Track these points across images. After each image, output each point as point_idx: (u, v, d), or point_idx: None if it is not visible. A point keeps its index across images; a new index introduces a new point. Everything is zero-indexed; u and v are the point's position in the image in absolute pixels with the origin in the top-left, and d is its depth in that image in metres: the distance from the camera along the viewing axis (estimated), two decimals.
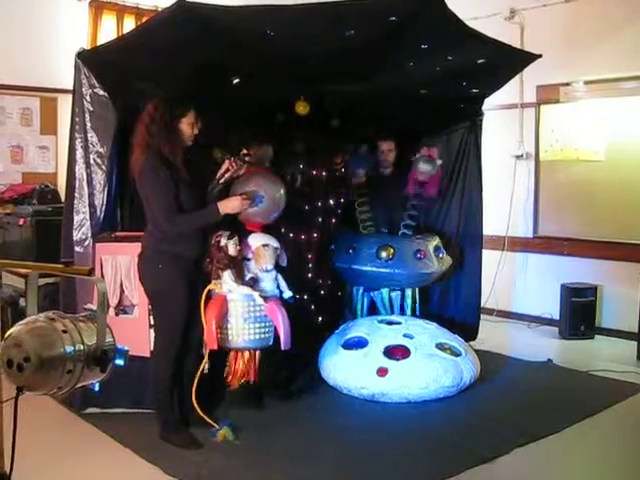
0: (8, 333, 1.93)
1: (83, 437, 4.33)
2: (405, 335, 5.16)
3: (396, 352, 5.03)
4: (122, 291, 4.55)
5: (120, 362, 2.00)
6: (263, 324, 4.50)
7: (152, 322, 4.45)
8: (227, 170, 4.30)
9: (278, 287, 4.67)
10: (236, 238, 4.44)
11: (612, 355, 6.26)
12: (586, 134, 6.98)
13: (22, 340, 1.88)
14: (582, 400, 5.03)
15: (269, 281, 4.61)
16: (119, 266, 4.51)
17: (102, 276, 4.44)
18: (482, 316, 6.56)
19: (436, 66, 4.86)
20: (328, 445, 4.20)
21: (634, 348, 6.17)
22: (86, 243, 4.57)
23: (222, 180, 4.30)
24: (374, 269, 5.52)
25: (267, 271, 4.58)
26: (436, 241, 5.82)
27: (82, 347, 1.92)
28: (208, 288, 4.35)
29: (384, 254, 5.50)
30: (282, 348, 4.51)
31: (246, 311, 4.44)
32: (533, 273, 7.51)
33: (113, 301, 4.51)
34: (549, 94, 7.26)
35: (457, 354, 5.14)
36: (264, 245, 4.55)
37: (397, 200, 5.81)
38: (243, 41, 4.12)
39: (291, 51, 4.32)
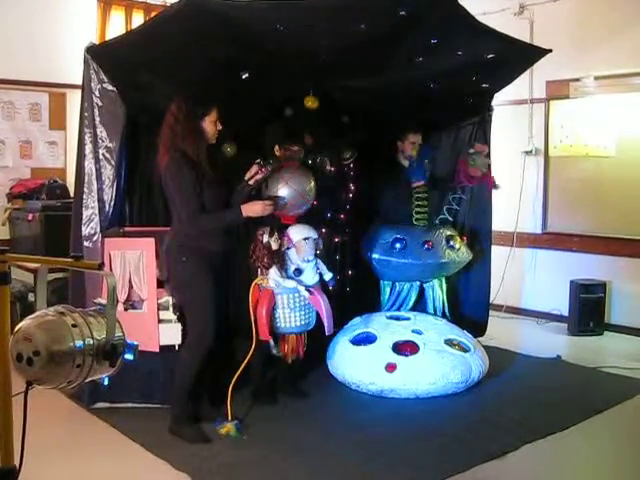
0: (18, 327, 1.93)
1: (92, 431, 4.34)
2: (414, 331, 5.16)
3: (405, 348, 5.03)
4: (131, 286, 4.55)
5: (129, 357, 2.00)
6: (306, 311, 4.74)
7: (161, 317, 4.47)
8: (256, 173, 4.35)
9: (318, 272, 4.82)
10: (277, 234, 4.58)
11: (621, 351, 6.24)
12: (596, 130, 6.94)
13: (32, 334, 1.88)
14: (591, 397, 5.01)
15: (310, 270, 4.74)
16: (128, 261, 4.51)
17: (111, 271, 4.44)
18: (491, 312, 6.55)
19: (446, 61, 4.84)
20: (337, 440, 4.20)
21: None
22: (95, 238, 4.58)
23: (251, 182, 4.35)
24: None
25: (308, 262, 4.71)
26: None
27: (92, 341, 1.92)
28: (255, 282, 4.58)
29: (455, 243, 5.59)
30: (326, 333, 4.77)
31: (292, 302, 4.67)
32: (542, 269, 7.49)
33: (122, 296, 4.51)
34: (559, 90, 7.23)
35: (466, 350, 5.13)
36: (305, 239, 4.67)
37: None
38: (252, 36, 4.12)
39: (301, 46, 4.31)
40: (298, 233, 4.68)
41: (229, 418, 4.29)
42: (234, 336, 4.79)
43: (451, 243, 5.58)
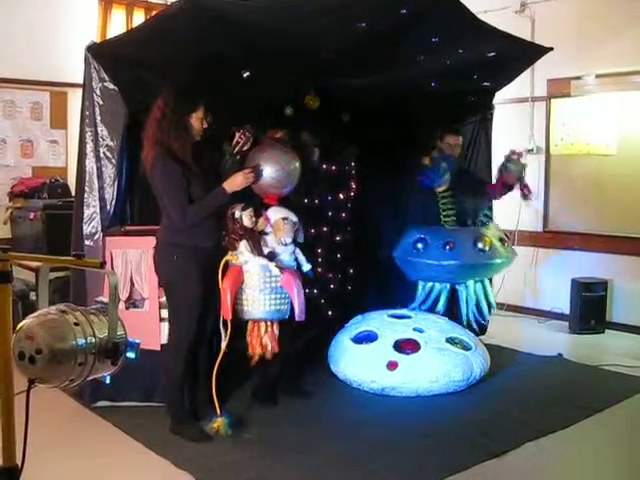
0: (20, 326, 1.93)
1: (93, 430, 4.34)
2: (415, 329, 5.16)
3: (406, 346, 5.02)
4: (132, 285, 4.55)
5: (131, 355, 2.00)
6: (279, 295, 4.44)
7: (163, 315, 4.47)
8: (237, 143, 4.31)
9: (296, 260, 4.68)
10: (251, 209, 4.43)
11: (623, 350, 6.24)
12: (597, 128, 6.94)
13: (34, 332, 1.88)
14: (593, 395, 5.01)
15: (287, 255, 4.59)
16: (129, 260, 4.51)
17: (112, 270, 4.44)
18: None
19: (447, 59, 4.84)
20: (338, 439, 4.20)
21: None
22: (96, 237, 4.57)
23: (235, 151, 4.31)
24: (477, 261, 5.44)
25: (285, 244, 4.56)
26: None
27: (93, 340, 1.92)
28: (225, 259, 4.32)
29: (481, 244, 5.43)
30: (296, 319, 4.46)
31: (262, 282, 4.40)
32: (543, 268, 7.49)
33: (123, 295, 4.51)
34: (560, 88, 7.23)
35: (467, 348, 5.12)
36: (283, 218, 4.52)
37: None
38: (252, 35, 4.12)
39: (302, 45, 4.31)
40: (277, 213, 4.54)
41: (218, 412, 4.20)
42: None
43: (479, 245, 5.41)
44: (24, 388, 1.92)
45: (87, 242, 4.57)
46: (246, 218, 4.41)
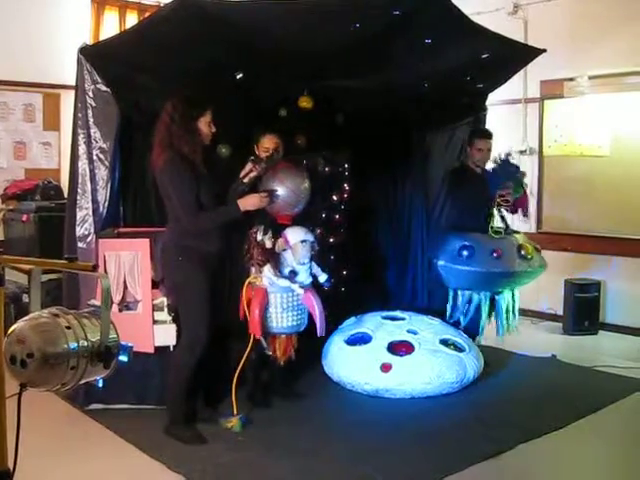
0: (11, 329, 1.92)
1: (86, 433, 4.33)
2: (409, 331, 5.16)
3: (400, 348, 5.02)
4: (125, 287, 4.54)
5: (124, 358, 1.99)
6: (299, 312, 4.71)
7: (156, 318, 4.47)
8: (250, 171, 4.37)
9: (312, 275, 4.79)
10: (270, 232, 4.55)
11: (616, 351, 6.25)
12: (590, 129, 6.96)
13: (25, 336, 1.87)
14: (586, 396, 5.02)
15: (304, 272, 4.72)
16: (122, 262, 4.50)
17: (105, 272, 4.43)
18: None
19: (440, 61, 4.84)
20: (332, 441, 4.20)
21: (638, 344, 6.17)
22: (89, 239, 4.57)
23: (246, 180, 4.37)
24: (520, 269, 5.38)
25: (304, 264, 4.68)
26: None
27: (86, 343, 1.91)
28: (248, 281, 4.55)
29: (524, 252, 5.40)
30: (318, 335, 4.72)
31: (285, 302, 4.64)
32: None
33: (116, 297, 4.50)
34: (553, 89, 7.24)
35: (461, 350, 5.13)
36: (302, 241, 4.63)
37: (486, 199, 5.51)
38: (245, 36, 4.11)
39: (295, 46, 4.30)
40: (296, 235, 4.64)
41: (235, 412, 4.32)
42: (229, 336, 4.78)
43: (522, 252, 5.38)
44: (16, 392, 1.91)
45: (80, 244, 4.57)
46: (268, 241, 4.55)
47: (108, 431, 4.30)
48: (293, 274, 4.66)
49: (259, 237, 4.53)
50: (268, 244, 4.54)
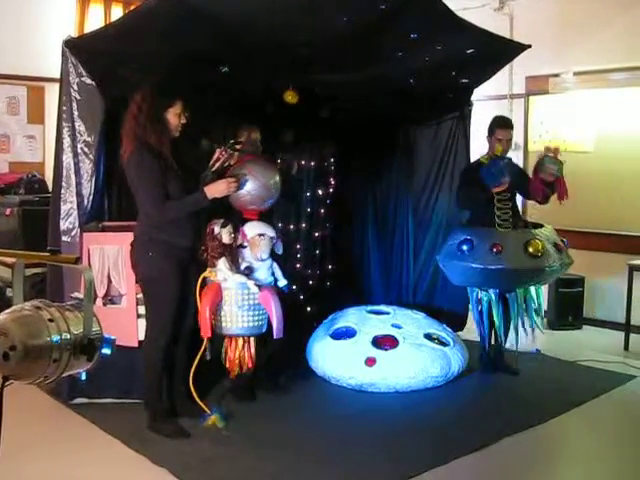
0: None
1: (71, 427, 4.31)
2: (393, 325, 5.17)
3: (384, 342, 5.03)
4: (110, 281, 4.53)
5: (107, 351, 1.98)
6: (257, 312, 4.48)
7: (140, 312, 4.45)
8: (218, 159, 4.30)
9: (273, 275, 4.67)
10: (230, 226, 4.43)
11: (599, 346, 6.29)
12: (575, 125, 6.98)
13: (8, 329, 1.86)
14: (570, 390, 5.05)
15: (264, 270, 4.59)
16: (107, 256, 4.49)
17: (89, 266, 4.41)
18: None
19: (425, 56, 4.85)
20: (316, 435, 4.21)
21: (621, 339, 6.21)
22: (73, 233, 4.54)
23: (214, 169, 4.30)
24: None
25: (262, 260, 4.56)
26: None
27: (68, 336, 1.90)
28: (203, 276, 4.35)
29: (532, 249, 4.93)
30: (274, 337, 4.48)
31: (240, 299, 4.43)
32: None
33: (101, 291, 4.49)
34: (538, 85, 7.26)
35: (445, 344, 5.15)
36: (260, 234, 4.52)
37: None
38: (231, 30, 4.10)
39: (280, 40, 4.30)
40: (253, 229, 4.54)
41: (207, 411, 4.27)
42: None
43: (529, 250, 4.92)
44: None
45: (64, 238, 4.54)
46: (225, 235, 4.41)
47: (92, 425, 4.29)
48: (249, 270, 4.54)
49: (216, 230, 4.40)
50: (225, 238, 4.40)
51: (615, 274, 6.74)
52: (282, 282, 4.71)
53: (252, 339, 4.55)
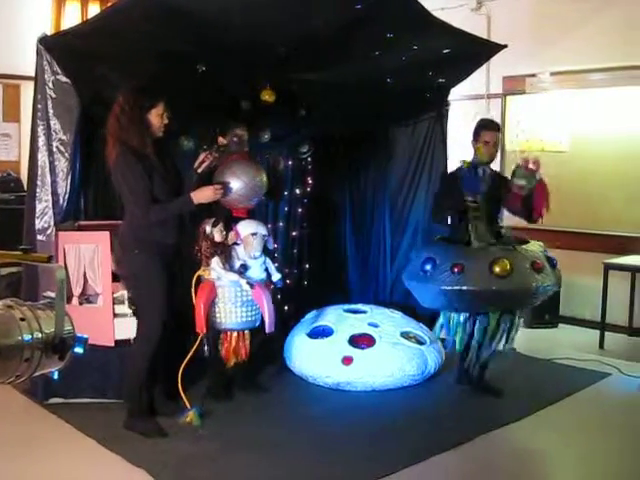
0: None
1: (46, 427, 4.29)
2: (370, 324, 5.19)
3: (361, 341, 5.04)
4: (86, 280, 4.51)
5: (79, 350, 1.97)
6: (250, 308, 4.64)
7: (117, 311, 4.44)
8: (203, 161, 4.31)
9: (266, 271, 4.76)
10: (221, 224, 4.52)
11: (575, 343, 6.33)
12: (551, 125, 7.02)
13: None
14: (545, 388, 5.09)
15: (257, 267, 4.69)
16: (82, 255, 4.47)
17: (65, 265, 4.39)
18: None
19: (402, 55, 4.88)
20: (293, 434, 4.21)
21: (597, 337, 6.26)
22: (49, 232, 4.52)
23: (199, 170, 4.31)
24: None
25: (255, 258, 4.64)
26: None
27: (40, 335, 1.89)
28: (197, 274, 4.50)
29: (498, 269, 4.45)
30: (266, 331, 4.63)
31: (234, 296, 4.57)
32: None
33: (77, 290, 4.47)
34: (515, 85, 7.30)
35: (422, 343, 5.17)
36: (252, 234, 4.60)
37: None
38: (207, 29, 4.10)
39: (257, 39, 4.30)
40: (246, 228, 4.62)
41: (188, 406, 4.29)
42: (186, 329, 4.74)
43: (495, 269, 4.43)
44: None
45: (39, 237, 4.52)
46: (217, 234, 4.51)
47: (67, 425, 4.27)
48: (244, 268, 4.63)
49: (208, 229, 4.50)
50: (217, 237, 4.50)
51: (591, 273, 6.79)
52: (276, 276, 4.83)
53: (247, 332, 4.68)
